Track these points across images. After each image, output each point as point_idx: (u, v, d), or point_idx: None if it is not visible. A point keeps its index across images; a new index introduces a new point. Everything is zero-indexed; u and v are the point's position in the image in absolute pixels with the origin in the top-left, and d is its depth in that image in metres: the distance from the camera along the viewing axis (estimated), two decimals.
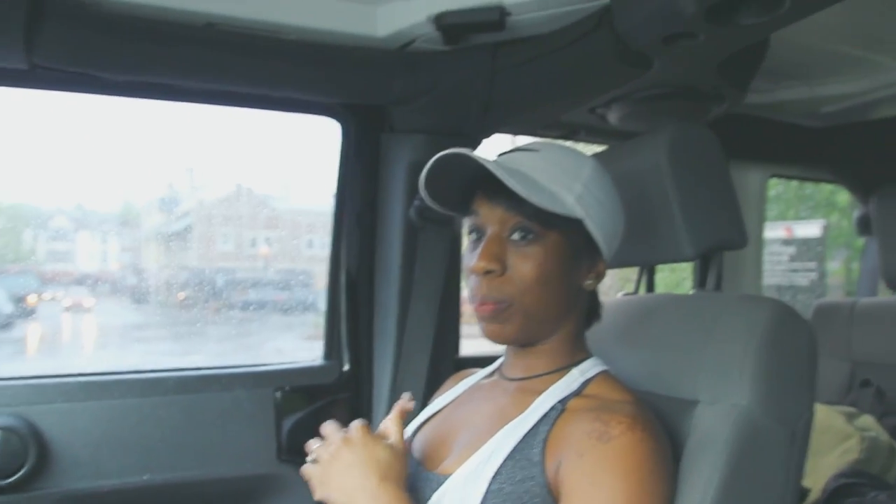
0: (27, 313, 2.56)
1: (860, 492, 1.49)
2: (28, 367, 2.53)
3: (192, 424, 1.46)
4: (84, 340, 2.77)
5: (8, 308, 2.39)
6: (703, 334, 1.00)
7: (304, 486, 1.38)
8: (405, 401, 0.99)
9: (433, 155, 0.92)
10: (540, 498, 0.87)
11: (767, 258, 4.79)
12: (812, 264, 4.88)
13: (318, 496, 0.94)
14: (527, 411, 0.94)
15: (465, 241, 1.02)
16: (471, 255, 0.97)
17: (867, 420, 1.72)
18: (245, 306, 3.01)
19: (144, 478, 1.40)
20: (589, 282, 0.99)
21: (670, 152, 1.09)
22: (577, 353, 1.01)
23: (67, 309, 2.63)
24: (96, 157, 2.43)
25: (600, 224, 0.96)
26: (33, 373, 1.41)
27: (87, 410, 1.39)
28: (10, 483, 1.30)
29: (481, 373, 1.15)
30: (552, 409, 0.93)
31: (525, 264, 0.93)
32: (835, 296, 5.11)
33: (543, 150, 0.98)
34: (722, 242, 1.11)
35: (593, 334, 1.08)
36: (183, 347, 2.61)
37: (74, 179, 2.58)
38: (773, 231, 4.81)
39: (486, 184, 0.94)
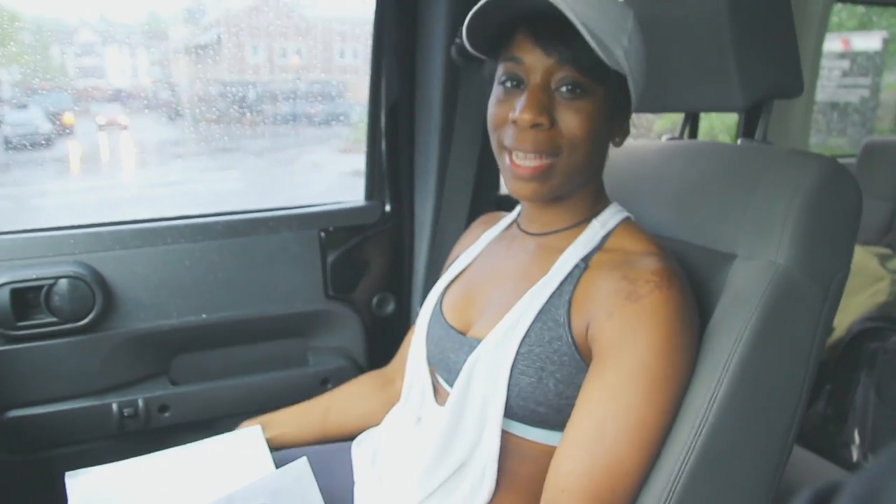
0: (64, 132, 2.56)
1: (884, 336, 1.52)
2: (75, 186, 2.60)
3: (242, 266, 1.53)
4: (124, 159, 2.81)
5: (45, 127, 2.40)
6: (747, 188, 0.99)
7: (351, 318, 1.45)
8: None
9: None
10: (568, 357, 0.90)
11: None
12: (865, 80, 4.59)
13: None
14: (550, 271, 0.95)
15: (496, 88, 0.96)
16: (502, 105, 0.92)
17: None
18: (278, 120, 2.98)
19: (203, 317, 1.50)
20: (618, 139, 0.96)
21: None
22: (597, 203, 1.01)
23: (102, 127, 2.62)
24: None
25: (638, 81, 0.91)
26: (90, 220, 1.47)
27: (143, 256, 1.46)
28: (82, 325, 1.41)
29: (500, 224, 1.15)
30: (575, 267, 0.94)
31: (575, 119, 0.88)
32: (888, 111, 4.86)
33: None
34: (776, 91, 1.04)
35: (633, 178, 1.05)
36: (220, 163, 2.64)
37: None
38: (828, 43, 4.49)
39: (535, 26, 0.86)
